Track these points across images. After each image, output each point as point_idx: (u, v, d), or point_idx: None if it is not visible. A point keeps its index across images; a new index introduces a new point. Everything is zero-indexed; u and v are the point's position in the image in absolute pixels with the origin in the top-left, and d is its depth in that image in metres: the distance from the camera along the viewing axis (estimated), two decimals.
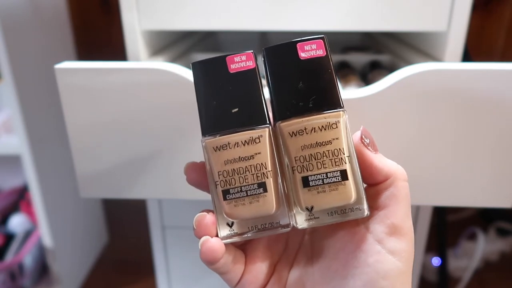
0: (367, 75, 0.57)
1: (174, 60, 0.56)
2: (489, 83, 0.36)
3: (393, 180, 0.24)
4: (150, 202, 0.59)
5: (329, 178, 0.24)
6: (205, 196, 0.27)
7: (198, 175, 0.26)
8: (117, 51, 0.97)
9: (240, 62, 0.25)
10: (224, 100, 0.25)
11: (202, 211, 0.26)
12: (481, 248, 0.94)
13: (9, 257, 0.89)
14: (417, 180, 0.40)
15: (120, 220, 1.22)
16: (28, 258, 0.89)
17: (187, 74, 0.37)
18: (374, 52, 0.68)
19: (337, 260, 0.25)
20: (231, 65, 0.25)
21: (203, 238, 0.25)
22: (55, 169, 0.89)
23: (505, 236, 1.04)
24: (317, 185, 0.24)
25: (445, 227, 0.81)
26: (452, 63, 0.39)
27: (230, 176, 0.24)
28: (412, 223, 0.25)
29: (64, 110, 0.39)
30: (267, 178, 0.24)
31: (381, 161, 0.25)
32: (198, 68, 0.26)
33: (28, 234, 0.94)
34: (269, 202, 0.24)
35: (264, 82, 0.26)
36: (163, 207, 0.60)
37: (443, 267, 0.85)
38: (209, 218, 0.25)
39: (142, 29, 0.47)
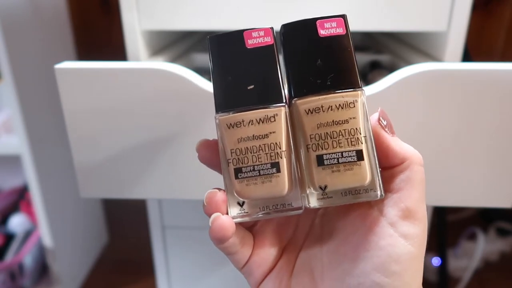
0: (367, 75, 0.57)
1: (174, 60, 0.56)
2: (489, 83, 0.36)
3: (409, 163, 0.24)
4: (150, 202, 0.59)
5: (344, 157, 0.23)
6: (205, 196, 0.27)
7: (210, 153, 0.26)
8: (117, 51, 0.97)
9: (258, 37, 0.24)
10: (239, 76, 0.24)
11: (213, 189, 0.25)
12: (481, 248, 0.94)
13: (9, 257, 0.89)
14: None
15: (120, 220, 1.22)
16: (28, 258, 0.89)
17: (187, 74, 0.37)
18: (374, 52, 0.68)
19: (347, 243, 0.25)
20: (249, 41, 0.24)
21: (214, 215, 0.24)
22: (55, 169, 0.89)
23: (505, 236, 1.04)
24: (332, 164, 0.23)
25: (445, 227, 0.81)
26: (452, 63, 0.39)
27: (243, 155, 0.24)
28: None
29: (64, 110, 0.39)
30: (281, 158, 0.24)
31: (398, 144, 0.24)
32: (214, 43, 0.25)
33: (28, 234, 0.94)
34: (282, 182, 0.24)
35: (281, 59, 0.25)
36: (163, 207, 0.60)
37: (443, 267, 0.85)
38: (220, 195, 0.24)
39: (142, 29, 0.47)
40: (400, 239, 0.23)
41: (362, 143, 0.23)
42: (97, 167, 0.41)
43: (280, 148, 0.24)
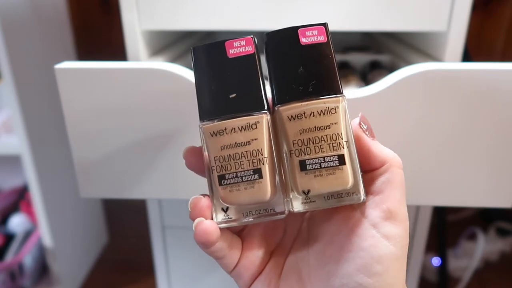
0: (367, 75, 0.57)
1: (174, 60, 0.56)
2: (489, 83, 0.36)
3: (388, 166, 0.25)
4: (150, 202, 0.59)
5: (327, 162, 0.24)
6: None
7: (197, 159, 0.26)
8: (117, 51, 0.97)
9: (239, 47, 0.25)
10: (222, 85, 0.25)
11: (198, 195, 0.26)
12: (481, 248, 0.94)
13: (9, 257, 0.89)
14: (417, 180, 0.40)
15: (120, 220, 1.22)
16: (28, 258, 0.89)
17: (187, 74, 0.37)
18: (374, 52, 0.68)
19: (332, 245, 0.25)
20: (230, 50, 0.25)
21: (197, 220, 0.25)
22: (55, 169, 0.89)
23: (505, 236, 1.04)
24: (314, 169, 0.24)
25: (445, 227, 0.81)
26: (452, 63, 0.39)
27: (226, 162, 0.24)
28: (412, 222, 0.25)
29: (64, 110, 0.39)
30: (263, 164, 0.24)
31: (378, 148, 0.25)
32: (197, 53, 0.26)
33: (28, 234, 0.94)
34: (264, 188, 0.24)
35: (263, 68, 0.26)
36: (163, 207, 0.60)
37: (443, 267, 0.85)
38: (204, 201, 0.25)
39: (142, 29, 0.47)
40: (382, 239, 0.23)
41: (343, 148, 0.24)
42: (97, 167, 0.41)
43: (262, 155, 0.24)
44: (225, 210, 0.25)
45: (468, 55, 0.54)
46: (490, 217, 1.09)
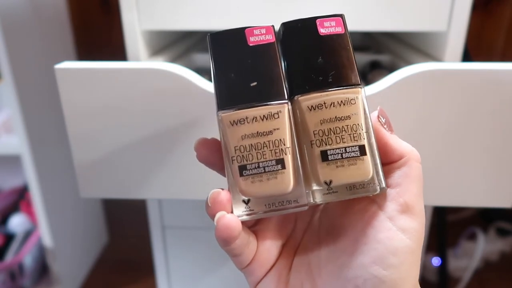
0: (367, 75, 0.57)
1: (174, 60, 0.56)
2: (489, 83, 0.36)
3: (406, 160, 0.24)
4: (150, 202, 0.59)
5: (348, 152, 0.24)
6: (205, 196, 0.27)
7: (209, 151, 0.26)
8: (117, 51, 0.97)
9: (259, 35, 0.25)
10: (242, 73, 0.24)
11: (216, 189, 0.25)
12: (481, 248, 0.94)
13: (9, 257, 0.89)
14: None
15: (120, 220, 1.22)
16: (28, 258, 0.89)
17: (187, 74, 0.37)
18: (374, 52, 0.68)
19: (345, 238, 0.25)
20: (250, 38, 0.25)
21: (218, 214, 0.24)
22: (55, 169, 0.89)
23: (505, 236, 1.04)
24: (336, 159, 0.24)
25: (445, 227, 0.81)
26: (452, 63, 0.39)
27: (247, 152, 0.24)
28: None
29: (64, 110, 0.39)
30: (286, 154, 0.24)
31: (396, 141, 0.25)
32: (215, 40, 0.25)
33: (28, 234, 0.94)
34: (287, 179, 0.24)
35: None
36: (163, 207, 0.60)
37: (443, 267, 0.85)
38: (224, 194, 0.24)
39: (142, 29, 0.47)
40: (398, 232, 0.23)
41: (364, 138, 0.24)
42: (97, 167, 0.41)
43: (284, 145, 0.24)
44: (246, 202, 0.24)
45: (468, 55, 0.54)
46: (490, 217, 1.09)
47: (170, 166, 0.41)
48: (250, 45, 0.24)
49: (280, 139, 0.24)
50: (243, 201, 0.24)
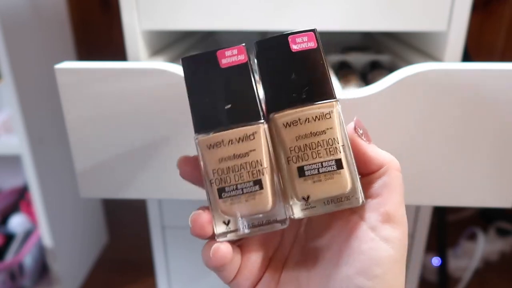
0: (367, 75, 0.57)
1: (174, 60, 0.56)
2: (489, 83, 0.36)
3: (386, 169, 0.25)
4: (150, 202, 0.59)
5: (324, 167, 0.24)
6: (205, 196, 0.27)
7: (192, 168, 0.26)
8: (117, 51, 0.97)
9: (231, 56, 0.25)
10: (216, 96, 0.25)
11: (199, 209, 0.25)
12: (481, 248, 0.94)
13: (9, 257, 0.89)
14: (417, 180, 0.40)
15: (120, 220, 1.22)
16: (28, 258, 0.89)
17: None
18: (374, 52, 0.68)
19: (330, 249, 0.25)
20: (222, 60, 0.25)
21: (215, 246, 0.24)
22: (55, 169, 0.89)
23: (505, 236, 1.04)
24: (313, 174, 0.24)
25: (445, 227, 0.81)
26: (452, 63, 0.39)
27: (225, 174, 0.24)
28: (411, 222, 0.25)
29: (64, 110, 0.39)
30: (263, 175, 0.24)
31: (374, 151, 0.25)
32: (188, 64, 0.25)
33: (28, 234, 0.94)
34: (265, 199, 0.24)
35: (257, 77, 0.26)
36: (163, 207, 0.60)
37: (443, 267, 0.85)
38: (204, 216, 0.24)
39: (142, 29, 0.47)
40: (381, 242, 0.23)
41: (340, 152, 0.24)
42: (97, 167, 0.41)
43: (261, 165, 0.24)
44: (227, 223, 0.24)
45: (468, 55, 0.54)
46: (490, 217, 1.09)
47: (170, 166, 0.41)
48: (223, 67, 0.25)
49: (257, 160, 0.24)
50: (224, 222, 0.25)
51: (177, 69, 0.37)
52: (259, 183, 0.24)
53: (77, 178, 0.42)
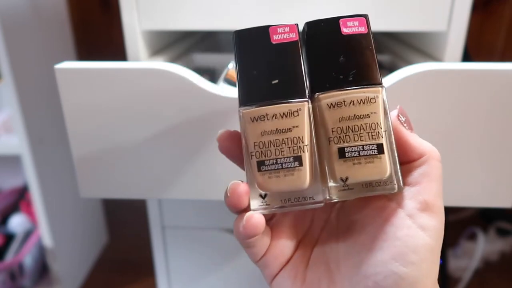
0: None
1: (174, 60, 0.56)
2: (489, 83, 0.36)
3: (426, 158, 0.24)
4: (150, 202, 0.59)
5: (365, 150, 0.24)
6: (205, 196, 0.27)
7: (231, 143, 0.26)
8: (117, 51, 0.97)
9: (283, 33, 0.25)
10: (264, 70, 0.25)
11: (236, 180, 0.25)
12: (481, 248, 0.94)
13: (9, 257, 0.89)
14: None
15: (120, 220, 1.22)
16: (28, 258, 0.89)
17: (188, 74, 0.37)
18: None
19: (364, 234, 0.25)
20: (274, 36, 0.25)
21: (247, 214, 0.24)
22: (55, 169, 0.89)
23: (505, 236, 1.04)
24: (353, 156, 0.24)
25: (445, 227, 0.81)
26: (452, 63, 0.39)
27: (266, 148, 0.24)
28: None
29: (64, 110, 0.39)
30: (303, 152, 0.24)
31: (416, 140, 0.25)
32: (240, 37, 0.25)
33: (28, 234, 0.94)
34: (304, 176, 0.24)
35: (304, 56, 0.26)
36: (163, 207, 0.60)
37: (443, 267, 0.85)
38: (243, 186, 0.24)
39: (142, 29, 0.47)
40: (418, 230, 0.23)
41: (382, 137, 0.24)
42: (97, 167, 0.41)
43: (302, 142, 0.24)
44: (263, 197, 0.25)
45: (468, 55, 0.54)
46: (490, 217, 1.09)
47: (170, 166, 0.41)
48: (274, 43, 0.25)
49: (299, 137, 0.24)
50: (260, 195, 0.24)
51: (177, 69, 0.37)
52: (299, 159, 0.24)
53: (77, 178, 0.42)
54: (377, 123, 0.24)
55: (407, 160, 0.25)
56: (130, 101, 0.38)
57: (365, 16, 0.25)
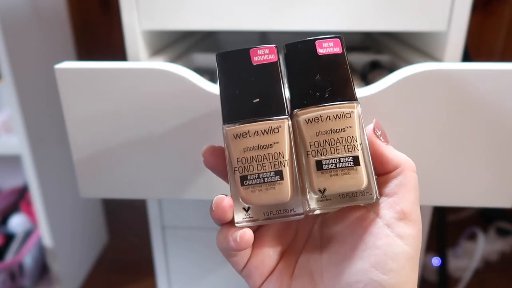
0: (367, 75, 0.57)
1: (174, 60, 0.56)
2: (489, 83, 0.36)
3: (402, 169, 0.26)
4: (150, 202, 0.59)
5: (342, 162, 0.25)
6: (205, 196, 0.27)
7: (215, 158, 0.27)
8: (117, 51, 0.97)
9: (263, 55, 0.27)
10: (246, 90, 0.26)
11: (220, 195, 0.26)
12: (481, 248, 0.94)
13: (9, 257, 0.89)
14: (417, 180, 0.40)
15: (120, 220, 1.22)
16: (28, 258, 0.89)
17: (188, 74, 0.37)
18: (374, 52, 0.68)
19: (345, 245, 0.26)
20: (254, 57, 0.27)
21: (242, 231, 0.25)
22: (55, 169, 0.89)
23: (505, 236, 1.04)
24: (330, 168, 0.25)
25: (445, 227, 0.81)
26: (452, 63, 0.39)
27: (248, 163, 0.25)
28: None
29: (64, 110, 0.39)
30: (284, 166, 0.25)
31: (392, 152, 0.26)
32: (222, 59, 0.27)
33: (28, 234, 0.94)
34: (285, 189, 0.25)
35: (284, 76, 0.27)
36: (163, 207, 0.60)
37: (443, 267, 0.85)
38: (227, 201, 0.25)
39: (142, 29, 0.47)
40: (396, 239, 0.24)
41: (358, 150, 0.25)
42: (97, 167, 0.41)
43: (283, 157, 0.25)
44: (247, 210, 0.26)
45: (468, 55, 0.54)
46: (490, 217, 1.09)
47: (170, 166, 0.41)
48: (254, 64, 0.26)
49: (280, 152, 0.25)
50: (244, 208, 0.26)
51: (177, 69, 0.37)
52: (280, 173, 0.25)
53: (77, 178, 0.42)
54: (352, 136, 0.25)
55: (383, 172, 0.26)
56: (130, 101, 0.38)
57: (340, 38, 0.27)
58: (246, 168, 0.25)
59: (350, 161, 0.25)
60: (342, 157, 0.25)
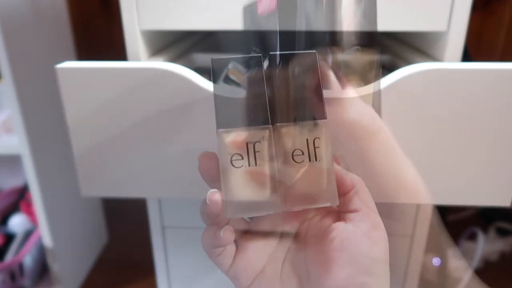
0: (367, 75, 0.57)
1: (174, 60, 0.56)
2: (489, 83, 0.36)
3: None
4: (150, 202, 0.59)
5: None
6: (205, 196, 0.28)
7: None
8: (117, 51, 0.97)
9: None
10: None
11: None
12: (481, 248, 0.94)
13: (9, 257, 0.89)
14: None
15: (120, 220, 1.22)
16: (28, 258, 0.89)
17: (188, 74, 0.37)
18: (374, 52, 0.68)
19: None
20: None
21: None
22: (55, 169, 0.89)
23: (505, 236, 1.04)
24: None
25: (445, 227, 0.81)
26: (452, 63, 0.39)
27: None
28: (412, 222, 0.28)
29: (65, 109, 0.39)
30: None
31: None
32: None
33: (28, 234, 0.94)
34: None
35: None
36: (163, 207, 0.60)
37: (443, 266, 0.85)
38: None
39: (142, 29, 0.47)
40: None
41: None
42: (97, 166, 0.41)
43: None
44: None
45: (468, 55, 0.54)
46: (490, 217, 1.09)
47: (170, 165, 0.41)
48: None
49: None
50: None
51: (178, 69, 0.37)
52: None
53: (78, 176, 0.42)
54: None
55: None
56: (131, 100, 0.38)
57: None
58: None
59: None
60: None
